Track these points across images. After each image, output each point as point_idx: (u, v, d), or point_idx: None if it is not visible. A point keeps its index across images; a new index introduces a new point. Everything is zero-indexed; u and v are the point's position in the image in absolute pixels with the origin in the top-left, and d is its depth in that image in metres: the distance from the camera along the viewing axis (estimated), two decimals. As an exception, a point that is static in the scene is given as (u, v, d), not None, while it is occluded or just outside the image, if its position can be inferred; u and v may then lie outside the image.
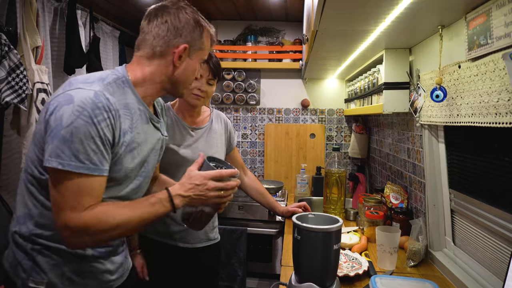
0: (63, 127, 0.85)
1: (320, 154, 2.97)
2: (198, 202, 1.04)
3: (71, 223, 0.86)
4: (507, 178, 1.07)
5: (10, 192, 1.88)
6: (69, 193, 0.86)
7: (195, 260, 1.61)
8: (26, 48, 1.74)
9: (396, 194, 1.85)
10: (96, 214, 0.88)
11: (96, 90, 0.90)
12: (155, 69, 1.01)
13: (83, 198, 0.87)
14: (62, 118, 0.85)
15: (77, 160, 0.85)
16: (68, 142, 0.84)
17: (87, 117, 0.86)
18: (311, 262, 1.11)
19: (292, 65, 2.86)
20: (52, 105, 0.88)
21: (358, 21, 1.24)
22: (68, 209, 0.86)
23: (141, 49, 1.01)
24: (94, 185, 0.89)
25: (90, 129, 0.86)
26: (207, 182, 1.02)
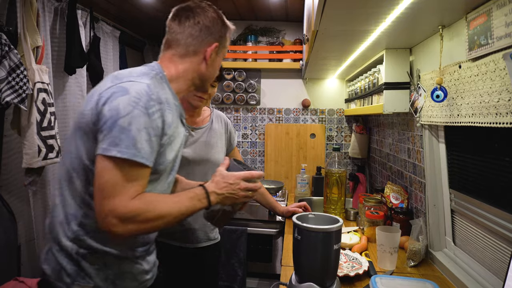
0: (120, 116, 0.87)
1: (320, 154, 2.97)
2: (229, 201, 1.08)
3: (120, 210, 0.86)
4: (508, 178, 1.07)
5: (10, 192, 1.88)
6: (121, 180, 0.87)
7: (196, 260, 1.61)
8: (26, 48, 1.74)
9: (396, 194, 1.85)
10: (144, 202, 0.89)
11: (147, 83, 0.94)
12: (188, 66, 1.07)
13: (133, 186, 0.89)
14: (119, 108, 0.88)
15: (134, 148, 0.87)
16: (126, 131, 0.87)
17: (143, 108, 0.90)
18: (311, 262, 1.11)
19: (292, 65, 2.86)
20: (104, 96, 0.91)
21: (358, 21, 1.24)
22: (117, 195, 0.86)
23: (173, 48, 1.06)
24: (143, 175, 0.92)
25: (145, 120, 0.89)
26: (239, 182, 1.07)
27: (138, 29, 3.14)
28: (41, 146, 1.78)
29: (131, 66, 1.11)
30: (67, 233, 0.97)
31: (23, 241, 1.96)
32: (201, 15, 1.07)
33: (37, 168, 1.79)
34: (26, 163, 1.74)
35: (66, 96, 2.20)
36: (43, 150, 1.79)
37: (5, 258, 1.77)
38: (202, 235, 1.61)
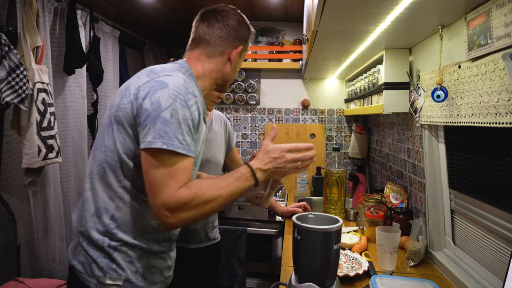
0: (162, 109, 0.90)
1: (320, 154, 2.97)
2: (277, 175, 1.08)
3: (170, 201, 0.88)
4: (507, 178, 1.07)
5: (10, 192, 1.88)
6: (168, 172, 0.89)
7: (197, 260, 1.61)
8: (26, 48, 1.74)
9: (396, 194, 1.85)
10: (191, 189, 0.91)
11: (183, 77, 0.99)
12: (214, 66, 1.12)
13: (180, 176, 0.91)
14: (160, 101, 0.91)
15: (177, 140, 0.90)
16: (169, 124, 0.89)
17: (182, 101, 0.93)
18: (311, 262, 1.11)
19: (292, 65, 2.86)
20: (143, 90, 0.94)
21: (358, 21, 1.24)
22: (166, 187, 0.88)
23: (201, 47, 1.11)
24: (188, 166, 0.93)
25: (185, 112, 0.92)
26: (284, 155, 1.07)
27: (138, 29, 3.13)
28: (41, 146, 1.78)
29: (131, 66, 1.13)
30: (98, 227, 0.99)
31: (23, 241, 1.96)
32: (229, 18, 1.13)
33: (37, 168, 1.79)
34: (26, 163, 1.74)
35: (66, 96, 2.20)
36: (43, 150, 1.79)
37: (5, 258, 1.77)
38: (202, 235, 1.62)
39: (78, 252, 1.02)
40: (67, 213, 2.20)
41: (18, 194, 1.93)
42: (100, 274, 0.98)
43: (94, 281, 0.98)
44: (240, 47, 1.14)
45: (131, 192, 1.00)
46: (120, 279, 0.98)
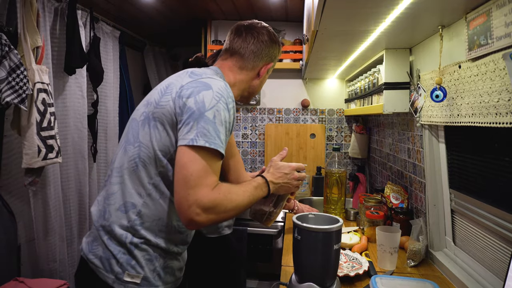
0: (206, 109, 0.93)
1: (320, 154, 2.97)
2: (283, 190, 1.18)
3: (205, 199, 0.88)
4: (508, 178, 1.07)
5: (10, 192, 1.88)
6: (204, 171, 0.90)
7: (207, 247, 1.65)
8: (26, 48, 1.75)
9: (396, 194, 1.85)
10: (222, 193, 0.93)
11: (224, 82, 1.03)
12: (244, 78, 1.18)
13: (214, 176, 0.93)
14: (204, 101, 0.94)
15: (219, 139, 0.93)
16: (212, 123, 0.92)
17: (224, 103, 0.96)
18: (311, 262, 1.11)
19: (292, 65, 2.86)
20: (186, 89, 0.97)
21: (358, 21, 1.24)
22: (202, 186, 0.89)
23: (234, 59, 1.17)
24: (219, 167, 0.96)
25: (226, 114, 0.96)
26: (293, 172, 1.19)
27: (138, 29, 3.14)
28: (41, 146, 1.78)
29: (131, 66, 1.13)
30: (122, 222, 0.99)
31: (23, 241, 1.96)
32: (264, 35, 1.18)
33: (37, 168, 1.79)
34: (26, 163, 1.74)
35: (66, 96, 2.20)
36: (43, 150, 1.79)
37: (5, 258, 1.77)
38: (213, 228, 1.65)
39: (96, 246, 1.01)
40: (67, 213, 2.21)
41: (18, 194, 1.93)
42: (119, 270, 0.98)
43: (112, 277, 0.98)
44: (270, 64, 1.21)
45: (160, 190, 1.01)
46: (138, 277, 0.98)
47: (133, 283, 0.98)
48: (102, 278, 0.99)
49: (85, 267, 1.02)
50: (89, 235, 1.06)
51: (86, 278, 1.02)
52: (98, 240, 1.02)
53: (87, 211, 2.33)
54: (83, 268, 1.03)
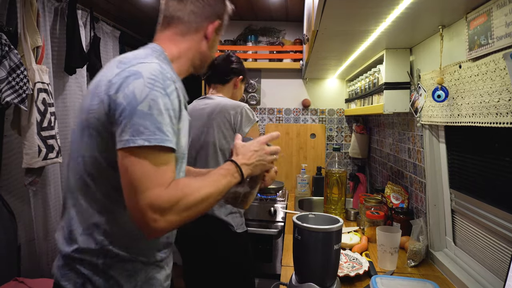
0: (138, 102, 0.79)
1: (320, 154, 2.97)
2: (259, 168, 1.05)
3: (158, 201, 0.76)
4: (508, 178, 1.07)
5: (10, 192, 1.88)
6: (152, 170, 0.78)
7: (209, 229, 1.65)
8: (26, 48, 1.75)
9: (397, 194, 1.85)
10: (179, 188, 0.80)
11: (157, 62, 0.87)
12: (190, 45, 1.02)
13: (167, 173, 0.80)
14: (135, 93, 0.80)
15: (161, 132, 0.79)
16: (148, 116, 0.79)
17: (161, 89, 0.82)
18: (312, 262, 1.11)
19: (292, 65, 2.86)
20: (114, 83, 0.83)
21: (358, 21, 1.24)
22: (153, 187, 0.77)
23: (173, 27, 1.01)
24: (172, 160, 0.83)
25: (165, 101, 0.82)
26: (264, 147, 1.05)
27: (138, 29, 3.14)
28: (41, 146, 1.78)
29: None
30: (90, 246, 0.88)
31: (23, 241, 1.96)
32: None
33: (37, 168, 1.79)
34: (26, 163, 1.74)
35: (66, 96, 2.20)
36: (43, 150, 1.79)
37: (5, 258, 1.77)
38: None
39: (67, 271, 0.90)
40: (68, 213, 2.20)
41: (18, 194, 1.93)
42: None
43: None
44: (216, 22, 1.04)
45: (119, 203, 0.85)
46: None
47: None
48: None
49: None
50: (59, 259, 0.93)
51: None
52: (69, 265, 0.90)
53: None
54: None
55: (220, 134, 1.64)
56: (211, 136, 1.64)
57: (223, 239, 1.64)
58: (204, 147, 1.65)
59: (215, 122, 1.64)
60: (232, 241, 1.66)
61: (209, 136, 1.64)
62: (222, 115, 1.65)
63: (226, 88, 1.83)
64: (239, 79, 1.85)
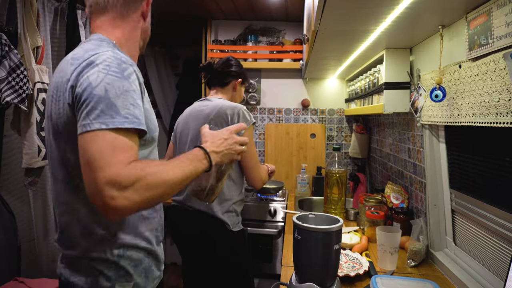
0: (93, 87, 0.79)
1: (320, 154, 2.97)
2: (227, 157, 1.05)
3: (117, 178, 0.73)
4: (508, 178, 1.07)
5: (10, 192, 1.88)
6: (111, 148, 0.76)
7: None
8: (26, 48, 1.75)
9: (397, 194, 1.85)
10: (140, 167, 0.77)
11: (110, 50, 0.87)
12: (132, 25, 1.00)
13: (128, 152, 0.78)
14: (90, 81, 0.79)
15: (119, 115, 0.78)
16: (105, 99, 0.78)
17: (116, 73, 0.81)
18: (312, 262, 1.11)
19: (292, 65, 2.86)
20: (72, 81, 0.83)
21: (358, 21, 1.23)
22: (112, 164, 0.74)
23: (110, 10, 0.97)
24: (135, 141, 0.82)
25: (122, 84, 0.81)
26: (233, 136, 1.07)
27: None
28: (41, 146, 1.78)
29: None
30: (93, 244, 0.91)
31: (23, 241, 1.96)
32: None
33: (37, 168, 1.79)
34: (26, 163, 1.74)
35: (66, 96, 2.20)
36: (43, 150, 1.79)
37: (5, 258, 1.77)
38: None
39: (78, 268, 0.92)
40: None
41: (18, 194, 1.93)
42: (109, 285, 0.91)
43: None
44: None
45: None
46: (129, 285, 0.94)
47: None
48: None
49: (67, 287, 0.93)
50: (65, 258, 0.95)
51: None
52: (78, 264, 0.92)
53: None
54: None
55: None
56: None
57: (219, 237, 1.65)
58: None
59: (213, 123, 1.68)
60: (228, 240, 1.67)
61: None
62: (219, 116, 1.68)
63: (225, 91, 1.87)
64: (238, 82, 1.90)
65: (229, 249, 1.68)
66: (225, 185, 1.63)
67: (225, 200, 1.67)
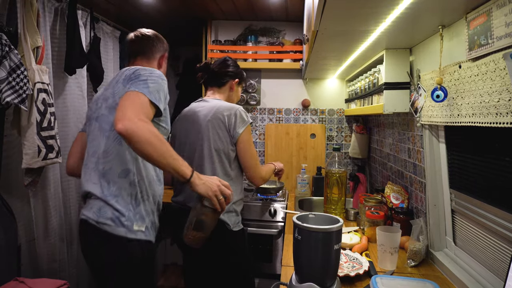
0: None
1: (320, 154, 2.97)
2: (204, 188, 1.26)
3: (140, 117, 1.15)
4: (508, 178, 1.07)
5: (10, 192, 1.88)
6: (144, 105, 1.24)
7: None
8: (26, 48, 1.75)
9: (397, 194, 1.85)
10: (154, 129, 1.17)
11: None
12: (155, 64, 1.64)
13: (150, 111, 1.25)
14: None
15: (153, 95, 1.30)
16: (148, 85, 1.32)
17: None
18: (312, 262, 1.11)
19: (292, 65, 2.86)
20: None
21: (358, 21, 1.24)
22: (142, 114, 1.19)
23: (138, 60, 1.57)
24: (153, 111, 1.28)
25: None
26: (217, 181, 1.31)
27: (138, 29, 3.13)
28: (41, 146, 1.78)
29: (131, 66, 1.12)
30: (125, 184, 1.31)
31: (23, 241, 1.96)
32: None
33: (37, 168, 1.79)
34: (26, 163, 1.74)
35: (66, 96, 2.20)
36: (43, 150, 1.79)
37: (5, 258, 1.77)
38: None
39: (104, 211, 1.28)
40: (67, 213, 2.21)
41: (18, 194, 1.93)
42: (129, 224, 1.28)
43: (124, 229, 1.28)
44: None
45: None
46: (143, 225, 1.32)
47: (140, 231, 1.31)
48: (117, 234, 1.27)
49: (97, 231, 1.27)
50: (91, 207, 1.31)
51: (101, 238, 1.27)
52: (105, 206, 1.29)
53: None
54: (95, 232, 1.28)
55: (215, 135, 1.69)
56: (206, 136, 1.70)
57: (219, 237, 1.65)
58: (200, 146, 1.70)
59: (210, 123, 1.69)
60: (228, 240, 1.67)
61: (204, 136, 1.70)
62: (216, 116, 1.70)
63: (222, 91, 1.89)
64: (235, 82, 1.91)
65: (229, 249, 1.68)
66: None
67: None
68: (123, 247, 1.28)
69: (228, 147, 1.70)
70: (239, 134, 1.69)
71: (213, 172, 1.67)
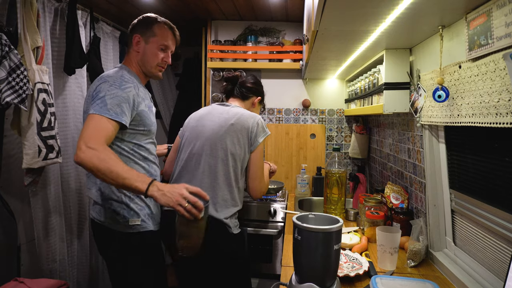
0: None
1: (320, 154, 2.97)
2: (165, 199, 1.24)
3: (89, 143, 1.24)
4: (508, 178, 1.07)
5: (10, 192, 1.88)
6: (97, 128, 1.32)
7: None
8: (26, 48, 1.74)
9: (397, 194, 1.85)
10: (107, 150, 1.26)
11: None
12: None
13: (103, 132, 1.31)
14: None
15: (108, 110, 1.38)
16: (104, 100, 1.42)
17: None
18: (312, 263, 1.11)
19: (292, 65, 2.86)
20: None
21: (358, 21, 1.24)
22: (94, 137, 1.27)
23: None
24: (113, 127, 1.36)
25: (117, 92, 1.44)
26: (182, 189, 1.26)
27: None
28: (41, 147, 1.78)
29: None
30: (114, 189, 1.47)
31: (23, 241, 1.96)
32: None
33: (37, 168, 1.79)
34: (26, 164, 1.74)
35: (66, 96, 2.20)
36: (43, 151, 1.79)
37: (5, 258, 1.77)
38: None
39: (104, 212, 1.48)
40: (67, 213, 2.20)
41: (18, 194, 1.93)
42: (123, 221, 1.46)
43: (119, 227, 1.46)
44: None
45: (136, 157, 1.52)
46: (138, 220, 1.48)
47: (137, 225, 1.48)
48: (118, 230, 1.47)
49: (100, 227, 1.50)
50: (93, 208, 1.53)
51: (107, 234, 1.49)
52: (104, 207, 1.48)
53: (87, 211, 2.33)
54: (99, 228, 1.51)
55: (234, 138, 1.70)
56: (224, 138, 1.70)
57: (220, 240, 1.64)
58: (214, 146, 1.70)
59: (232, 127, 1.71)
60: (229, 242, 1.67)
61: (222, 138, 1.70)
62: (240, 122, 1.73)
63: (244, 104, 1.94)
64: (257, 100, 1.98)
65: (229, 251, 1.68)
66: (235, 194, 1.68)
67: (234, 206, 1.69)
68: (126, 240, 1.48)
69: (245, 154, 1.72)
70: (259, 143, 1.72)
71: (226, 176, 1.67)
